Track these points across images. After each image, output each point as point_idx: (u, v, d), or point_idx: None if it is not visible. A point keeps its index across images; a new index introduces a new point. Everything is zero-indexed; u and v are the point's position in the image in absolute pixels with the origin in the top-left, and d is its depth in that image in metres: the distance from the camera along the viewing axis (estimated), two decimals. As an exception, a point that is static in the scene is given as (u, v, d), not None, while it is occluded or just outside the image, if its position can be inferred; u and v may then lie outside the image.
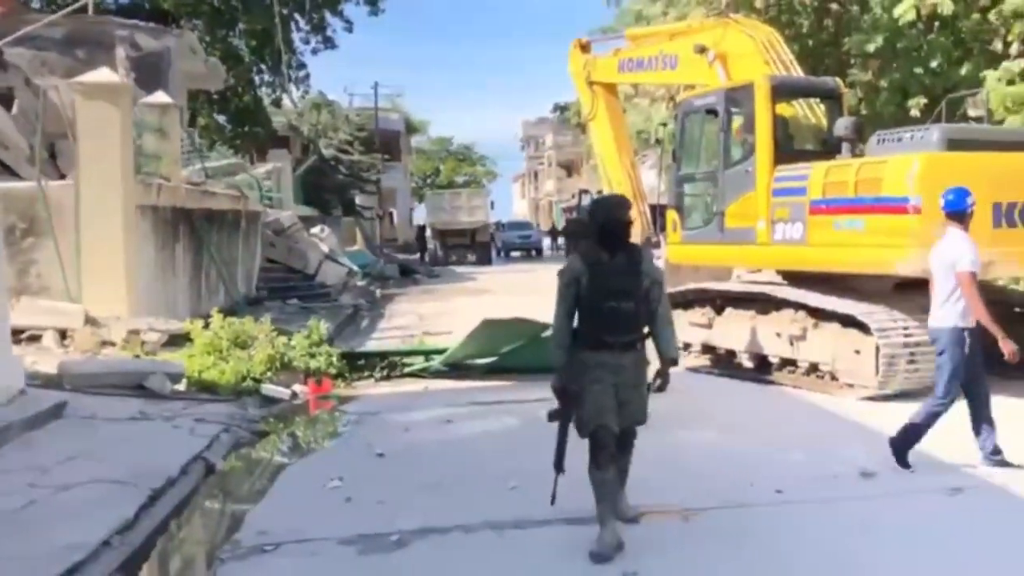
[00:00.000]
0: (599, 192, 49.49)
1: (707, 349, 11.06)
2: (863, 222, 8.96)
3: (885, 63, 19.08)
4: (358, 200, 42.03)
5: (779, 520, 5.57)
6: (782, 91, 10.54)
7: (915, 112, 18.23)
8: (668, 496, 5.98)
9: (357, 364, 11.12)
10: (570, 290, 5.08)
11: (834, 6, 22.16)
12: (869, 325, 8.72)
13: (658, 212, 13.34)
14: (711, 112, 11.12)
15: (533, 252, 45.48)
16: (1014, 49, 17.26)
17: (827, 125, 10.72)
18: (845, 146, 9.89)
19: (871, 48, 18.55)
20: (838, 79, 11.72)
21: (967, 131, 10.11)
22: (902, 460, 6.43)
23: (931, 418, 6.38)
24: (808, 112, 11.14)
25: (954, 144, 8.76)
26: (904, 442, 6.45)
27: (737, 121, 10.77)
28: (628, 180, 14.01)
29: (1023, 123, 9.49)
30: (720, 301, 10.82)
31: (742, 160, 10.50)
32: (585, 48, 15.02)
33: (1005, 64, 16.97)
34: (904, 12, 17.81)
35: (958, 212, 6.45)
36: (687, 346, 10.96)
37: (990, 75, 16.94)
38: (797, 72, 11.18)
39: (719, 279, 11.57)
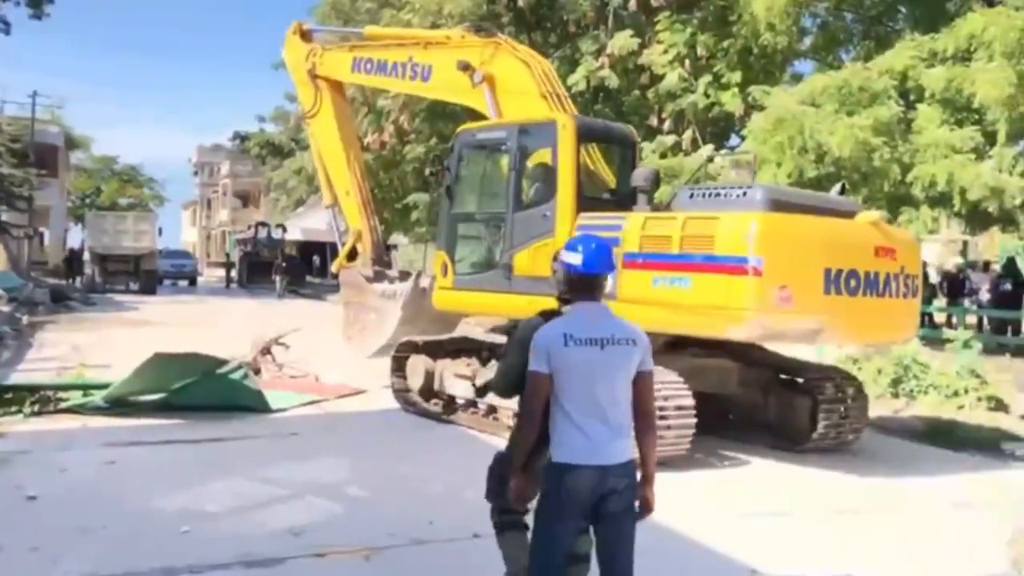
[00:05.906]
0: (279, 226, 48.72)
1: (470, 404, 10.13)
2: (689, 281, 8.07)
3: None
4: (5, 217, 38.18)
5: (468, 557, 5.69)
6: (585, 133, 9.68)
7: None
8: (350, 536, 5.98)
9: (4, 398, 10.07)
10: None
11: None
12: None
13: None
14: (497, 148, 10.18)
15: (186, 282, 44.41)
16: (667, 125, 19.42)
17: (617, 173, 10.10)
18: (642, 197, 9.04)
19: (546, 111, 19.95)
20: (631, 127, 11.13)
21: (786, 193, 9.54)
22: None
23: None
24: (599, 158, 10.30)
25: (777, 205, 8.18)
26: None
27: (533, 160, 9.80)
28: (356, 188, 12.86)
29: (671, 193, 9.86)
30: (486, 352, 9.74)
31: (538, 203, 9.49)
32: (306, 36, 13.61)
33: (659, 138, 19.03)
34: (577, 81, 19.55)
35: (597, 276, 3.98)
36: (452, 399, 10.36)
37: (646, 147, 18.90)
38: (571, 108, 10.34)
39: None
